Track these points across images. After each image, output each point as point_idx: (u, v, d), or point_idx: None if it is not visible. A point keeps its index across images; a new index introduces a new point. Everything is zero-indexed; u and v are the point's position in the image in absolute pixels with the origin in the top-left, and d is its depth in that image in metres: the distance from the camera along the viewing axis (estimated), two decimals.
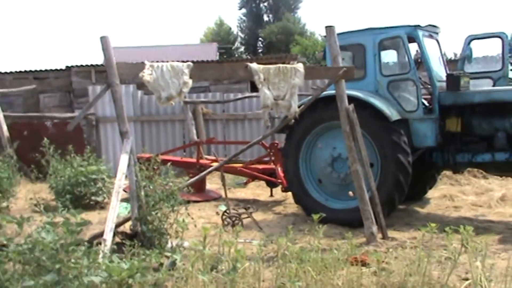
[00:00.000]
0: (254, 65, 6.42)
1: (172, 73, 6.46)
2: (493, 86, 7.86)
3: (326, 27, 6.48)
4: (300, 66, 6.42)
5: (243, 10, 54.65)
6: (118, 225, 6.42)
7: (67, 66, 17.41)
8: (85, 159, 9.56)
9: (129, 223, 6.26)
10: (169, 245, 6.05)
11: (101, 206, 9.36)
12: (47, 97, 17.07)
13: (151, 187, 6.24)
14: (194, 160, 10.31)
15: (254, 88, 16.47)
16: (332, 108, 7.44)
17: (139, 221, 5.98)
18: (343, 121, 6.50)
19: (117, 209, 5.70)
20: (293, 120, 6.66)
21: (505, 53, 7.84)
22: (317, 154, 8.02)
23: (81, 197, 9.15)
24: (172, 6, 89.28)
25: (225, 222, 7.59)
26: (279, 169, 9.45)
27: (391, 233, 6.84)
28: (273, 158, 9.79)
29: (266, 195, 10.33)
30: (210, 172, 7.34)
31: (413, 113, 7.54)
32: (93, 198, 9.13)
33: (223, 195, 7.93)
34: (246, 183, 10.04)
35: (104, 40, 6.32)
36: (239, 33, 55.27)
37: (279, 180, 9.35)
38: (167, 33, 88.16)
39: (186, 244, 6.68)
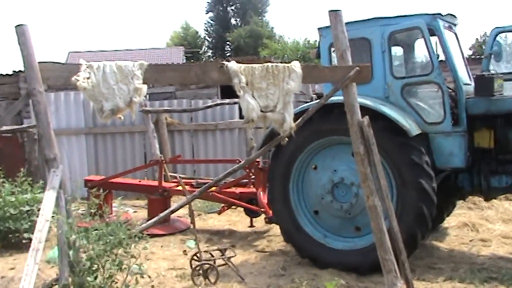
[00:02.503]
0: (233, 64, 4.64)
1: (119, 76, 4.64)
2: None
3: (330, 11, 4.75)
4: (296, 66, 4.66)
5: (210, 14, 53.93)
6: None
7: (14, 71, 15.89)
8: (17, 185, 7.60)
9: None
10: None
11: None
12: None
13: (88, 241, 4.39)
14: (155, 183, 8.43)
15: (224, 93, 14.66)
16: (332, 119, 5.80)
17: None
18: (354, 139, 4.76)
19: (33, 277, 3.83)
20: (286, 139, 4.90)
21: None
22: (313, 178, 6.29)
23: (10, 235, 7.21)
24: (138, 10, 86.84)
25: (195, 272, 5.76)
26: (261, 194, 7.67)
27: (415, 284, 5.12)
28: (253, 180, 8.02)
29: (244, 223, 8.55)
30: (181, 207, 5.51)
31: (437, 125, 5.88)
32: (25, 235, 7.17)
33: (192, 226, 6.14)
34: (220, 212, 8.22)
35: (20, 30, 4.50)
36: (206, 37, 54.28)
37: (262, 209, 7.57)
38: (133, 38, 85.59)
39: None
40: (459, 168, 5.93)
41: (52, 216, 4.18)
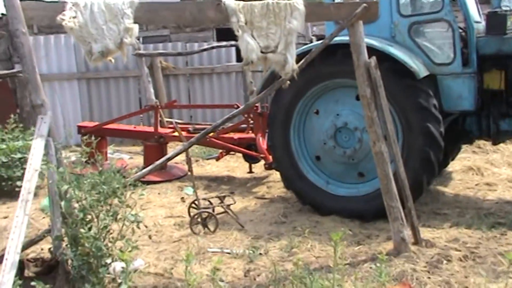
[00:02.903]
0: (230, 2, 4.31)
1: (107, 15, 4.33)
2: None
3: None
4: (299, 3, 4.32)
5: None
6: (29, 245, 4.42)
7: (3, 14, 14.97)
8: (8, 132, 7.35)
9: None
10: (112, 268, 4.09)
11: None
12: None
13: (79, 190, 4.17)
14: (151, 129, 8.18)
15: (221, 36, 14.16)
16: (335, 60, 5.51)
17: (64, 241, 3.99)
18: (360, 81, 4.49)
19: (23, 229, 3.64)
20: (288, 83, 4.61)
21: None
22: (314, 123, 6.04)
23: (3, 183, 7.03)
24: None
25: (194, 220, 5.60)
26: (260, 139, 7.44)
27: (421, 230, 4.97)
28: (251, 126, 7.77)
29: (243, 169, 8.36)
30: (178, 154, 5.28)
31: (447, 66, 5.57)
32: (18, 183, 6.95)
33: (189, 173, 5.94)
34: (218, 158, 8.00)
35: None
36: None
37: (261, 155, 7.35)
38: None
39: (138, 264, 4.74)
40: (468, 111, 5.68)
41: (43, 165, 3.95)
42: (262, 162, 7.51)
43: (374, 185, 5.64)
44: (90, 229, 4.07)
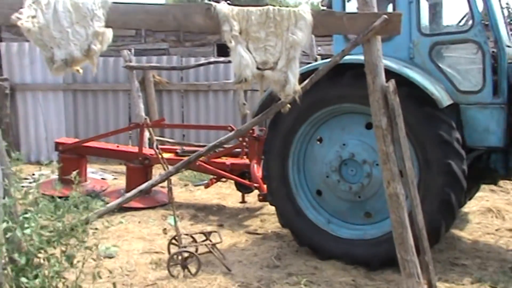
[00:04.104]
0: (223, 7, 3.57)
1: (74, 16, 3.60)
2: None
3: None
4: (305, 11, 3.58)
5: None
6: None
7: None
8: None
9: None
10: None
11: None
12: None
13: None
14: (135, 149, 7.40)
15: (221, 52, 13.44)
16: (342, 83, 4.80)
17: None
18: (375, 109, 3.72)
19: None
20: (289, 106, 3.85)
21: None
22: (317, 153, 5.28)
23: None
24: None
25: (173, 260, 4.80)
26: (255, 166, 6.66)
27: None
28: (246, 150, 7.00)
29: (236, 197, 7.57)
30: (163, 181, 4.52)
31: (474, 95, 4.83)
32: None
33: (170, 203, 5.17)
34: (208, 185, 7.20)
35: None
36: None
37: (255, 184, 6.56)
38: None
39: None
40: (494, 147, 4.91)
41: None
42: (256, 191, 6.72)
43: (383, 228, 4.88)
44: (36, 277, 3.30)
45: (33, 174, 8.26)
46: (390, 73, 4.39)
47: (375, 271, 4.83)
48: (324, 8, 5.47)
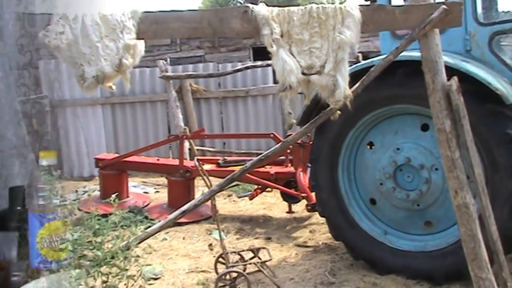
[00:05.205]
0: (261, 9, 3.27)
1: (103, 30, 3.36)
2: None
3: None
4: (352, 6, 3.23)
5: None
6: None
7: None
8: None
9: None
10: None
11: None
12: None
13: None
14: (176, 162, 7.16)
15: (257, 56, 13.17)
16: (393, 83, 4.43)
17: None
18: (437, 110, 3.34)
19: None
20: (338, 112, 3.51)
21: None
22: (368, 159, 4.90)
23: None
24: None
25: (221, 281, 4.51)
26: (301, 175, 6.32)
27: None
28: (290, 158, 6.67)
29: (282, 206, 7.24)
30: (206, 200, 4.30)
31: None
32: None
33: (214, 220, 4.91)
34: (252, 197, 6.89)
35: None
36: (239, 0, 51.79)
37: (302, 194, 6.22)
38: (161, 2, 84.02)
39: None
40: None
41: None
42: (304, 201, 6.38)
43: (447, 238, 4.47)
44: None
45: (76, 191, 8.15)
46: (446, 68, 3.99)
47: (440, 285, 4.41)
48: (368, 3, 5.06)
